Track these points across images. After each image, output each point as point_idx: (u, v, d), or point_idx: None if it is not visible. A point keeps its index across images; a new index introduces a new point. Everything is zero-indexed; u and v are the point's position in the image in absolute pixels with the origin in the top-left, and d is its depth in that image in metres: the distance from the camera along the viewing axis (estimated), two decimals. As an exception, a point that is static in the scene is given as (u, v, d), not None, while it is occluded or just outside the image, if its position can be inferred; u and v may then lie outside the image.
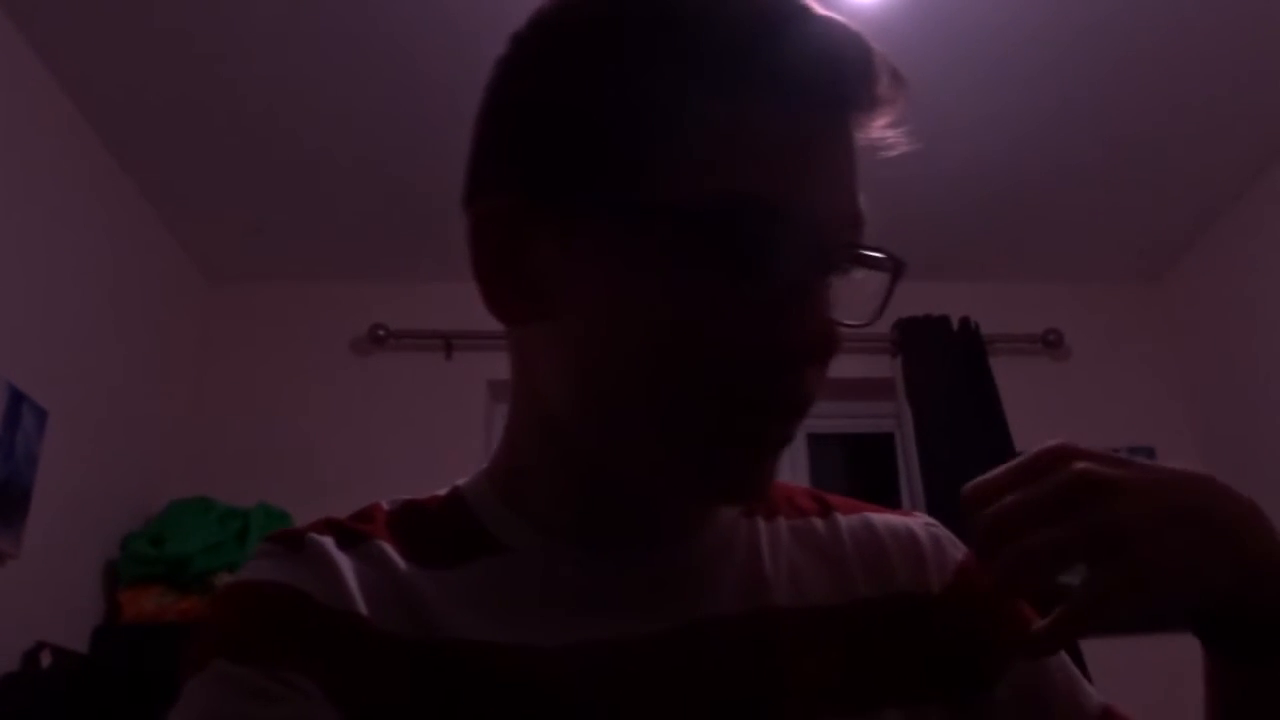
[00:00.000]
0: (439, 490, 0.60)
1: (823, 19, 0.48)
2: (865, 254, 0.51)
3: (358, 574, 0.52)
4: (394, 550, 0.54)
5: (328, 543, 0.53)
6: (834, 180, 0.49)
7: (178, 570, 2.29)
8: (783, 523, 0.60)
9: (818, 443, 3.01)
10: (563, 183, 0.49)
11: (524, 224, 0.50)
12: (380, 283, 2.90)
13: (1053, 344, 2.94)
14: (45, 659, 1.98)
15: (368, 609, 0.50)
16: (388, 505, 0.58)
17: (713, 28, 0.47)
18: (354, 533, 0.54)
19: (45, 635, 2.02)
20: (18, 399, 1.99)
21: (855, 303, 0.51)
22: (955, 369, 2.79)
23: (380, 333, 2.85)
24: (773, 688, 0.52)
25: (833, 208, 0.48)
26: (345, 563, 0.52)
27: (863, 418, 3.05)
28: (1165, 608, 0.45)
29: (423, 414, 2.75)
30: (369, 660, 0.49)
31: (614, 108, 0.48)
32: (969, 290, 2.94)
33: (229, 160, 2.45)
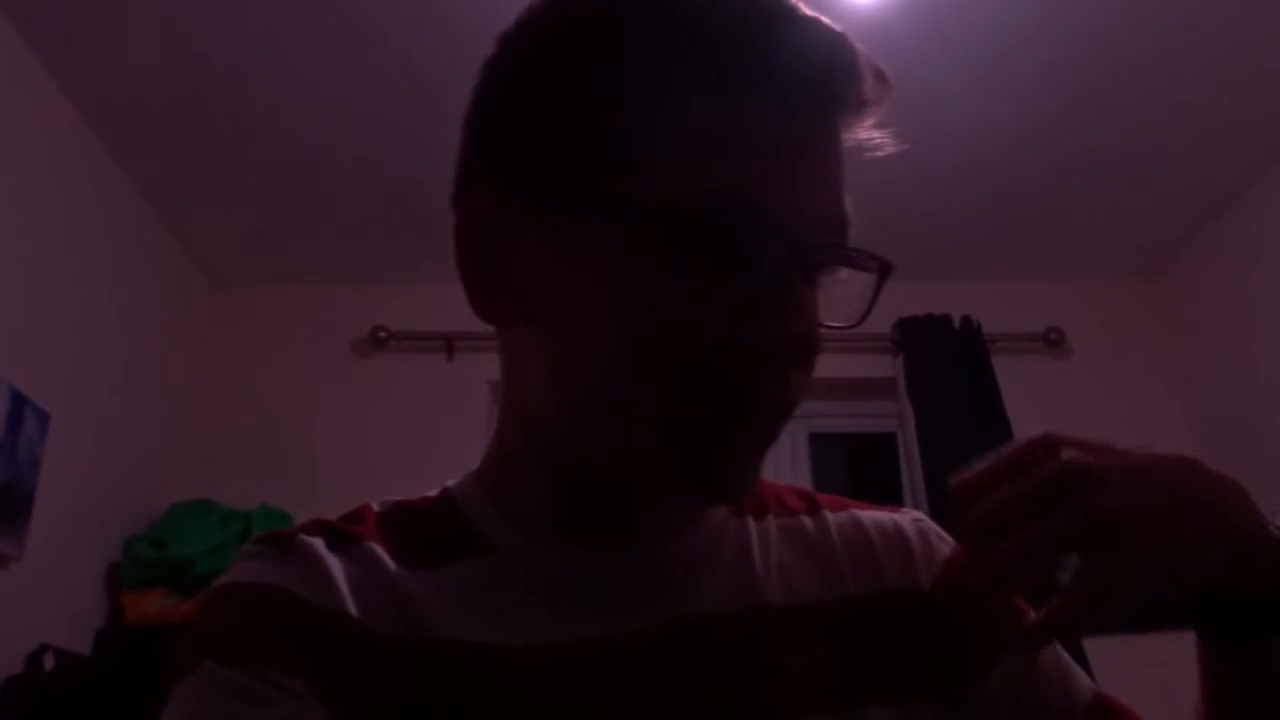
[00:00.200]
0: (430, 491, 0.60)
1: (808, 20, 0.48)
2: (849, 255, 0.50)
3: (348, 575, 0.52)
4: (384, 551, 0.54)
5: (318, 544, 0.53)
6: (817, 181, 0.48)
7: (180, 572, 2.29)
8: (772, 521, 0.61)
9: (820, 442, 3.00)
10: (543, 183, 0.49)
11: (506, 223, 0.50)
12: (381, 284, 2.89)
13: (1054, 342, 2.93)
14: (48, 661, 1.98)
15: (358, 610, 0.50)
16: (378, 506, 0.58)
17: (695, 29, 0.47)
18: (344, 534, 0.54)
19: (48, 638, 2.02)
20: (20, 402, 1.99)
21: (843, 304, 0.51)
22: (957, 368, 2.79)
23: (382, 334, 2.85)
24: (762, 684, 0.52)
25: (816, 208, 0.48)
26: (335, 564, 0.52)
27: (864, 417, 3.05)
28: (1159, 596, 0.45)
29: (424, 415, 2.75)
30: (359, 661, 0.49)
31: (594, 108, 0.48)
32: (970, 289, 2.94)
33: (230, 162, 2.45)
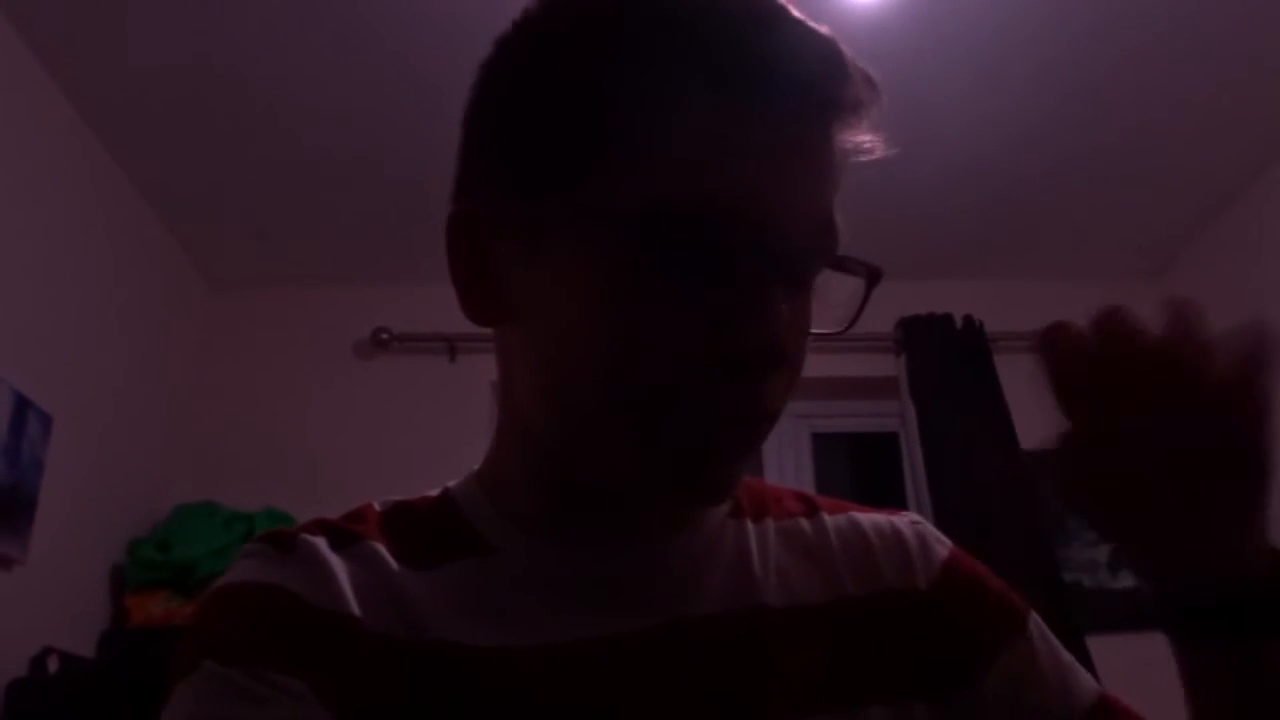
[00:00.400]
0: (430, 491, 0.60)
1: (798, 23, 0.48)
2: (836, 261, 0.50)
3: (350, 575, 0.52)
4: (386, 551, 0.54)
5: (320, 544, 0.53)
6: (806, 186, 0.48)
7: (184, 575, 2.29)
8: (771, 524, 0.61)
9: (822, 442, 3.00)
10: (524, 185, 0.50)
11: (492, 227, 0.51)
12: (383, 285, 2.89)
13: (1056, 341, 2.92)
14: (53, 664, 1.99)
15: (360, 610, 0.50)
16: (379, 506, 0.58)
17: (679, 34, 0.46)
18: (347, 533, 0.55)
19: (52, 640, 2.02)
20: (23, 405, 2.00)
21: (834, 309, 0.51)
22: (959, 367, 2.78)
23: (384, 336, 2.84)
24: (761, 685, 0.52)
25: (803, 214, 0.48)
26: (338, 564, 0.52)
27: (866, 416, 3.04)
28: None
29: (427, 417, 2.75)
30: (360, 661, 0.49)
31: (577, 111, 0.48)
32: (971, 288, 2.93)
33: (230, 162, 2.45)
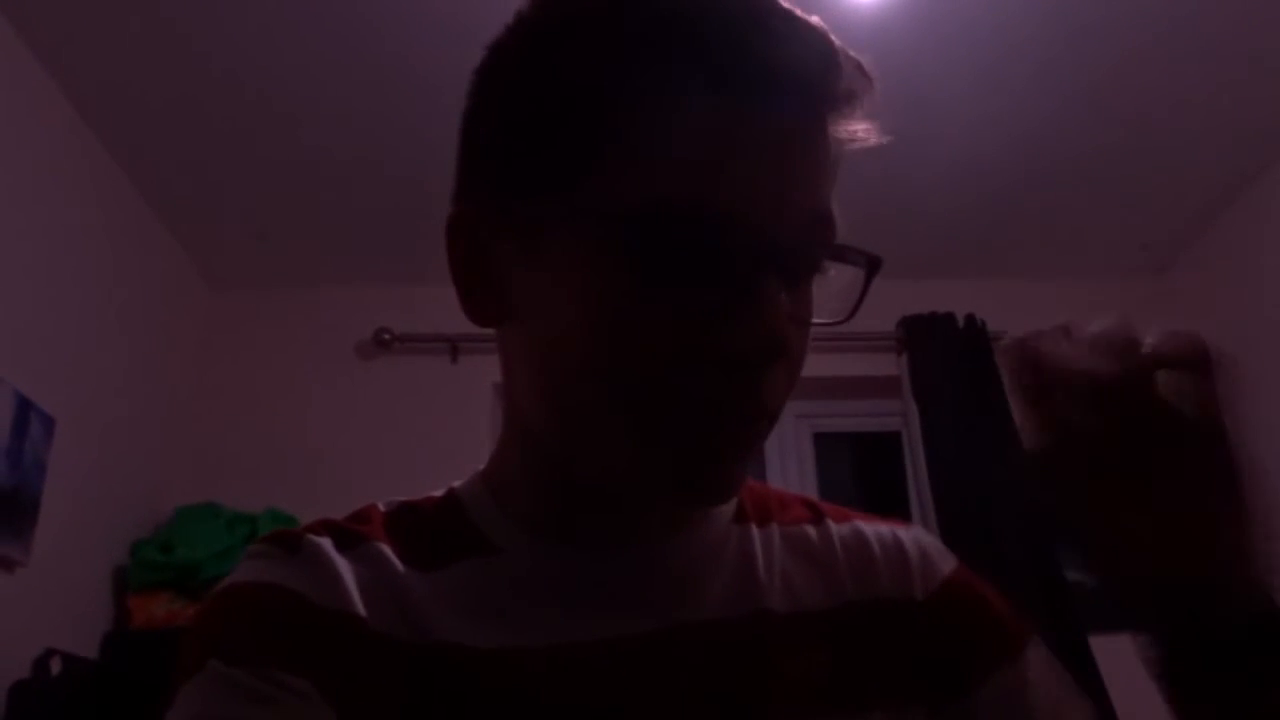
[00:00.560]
0: (435, 492, 0.60)
1: (789, 14, 0.48)
2: (833, 251, 0.50)
3: (356, 575, 0.52)
4: (391, 552, 0.54)
5: (326, 544, 0.53)
6: (799, 182, 0.48)
7: (187, 576, 2.30)
8: (776, 529, 0.61)
9: (824, 441, 3.00)
10: (518, 185, 0.50)
11: (491, 228, 0.51)
12: (384, 286, 2.89)
13: (1058, 340, 2.92)
14: (55, 666, 1.99)
15: (365, 610, 0.50)
16: (384, 507, 0.58)
17: (677, 33, 0.46)
18: (352, 534, 0.54)
19: (55, 642, 2.02)
20: (25, 407, 2.00)
21: (834, 300, 0.51)
22: (961, 366, 2.78)
23: (385, 336, 2.85)
24: (763, 689, 0.52)
25: (797, 207, 0.47)
26: (343, 564, 0.52)
27: (869, 416, 3.05)
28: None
29: (429, 418, 2.75)
30: (365, 661, 0.49)
31: (574, 113, 0.48)
32: (973, 287, 2.93)
33: (230, 162, 2.45)
